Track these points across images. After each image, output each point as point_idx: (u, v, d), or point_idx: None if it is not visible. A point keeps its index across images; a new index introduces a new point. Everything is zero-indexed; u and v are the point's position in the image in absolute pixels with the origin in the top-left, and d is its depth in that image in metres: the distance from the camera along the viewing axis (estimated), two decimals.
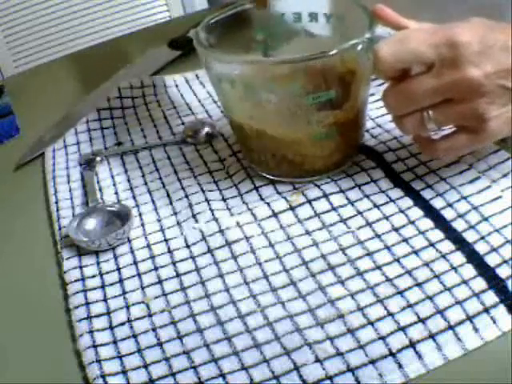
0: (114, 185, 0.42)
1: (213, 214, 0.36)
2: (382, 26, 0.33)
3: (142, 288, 0.32)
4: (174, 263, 0.34)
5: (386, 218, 0.34)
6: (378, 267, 0.31)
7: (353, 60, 0.33)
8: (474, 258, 0.30)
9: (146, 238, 0.36)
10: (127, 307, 0.31)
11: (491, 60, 0.29)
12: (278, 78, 0.33)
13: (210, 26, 0.37)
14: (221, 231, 0.35)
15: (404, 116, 0.32)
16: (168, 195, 0.39)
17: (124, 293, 0.32)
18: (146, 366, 0.28)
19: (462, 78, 0.29)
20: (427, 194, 0.35)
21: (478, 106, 0.30)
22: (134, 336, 0.30)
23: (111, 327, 0.30)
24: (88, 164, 0.44)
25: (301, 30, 0.38)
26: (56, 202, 0.41)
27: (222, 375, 0.27)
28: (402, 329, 0.27)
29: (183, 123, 0.47)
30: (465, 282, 0.29)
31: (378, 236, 0.33)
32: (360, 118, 0.37)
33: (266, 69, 0.33)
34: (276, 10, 0.38)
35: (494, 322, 0.27)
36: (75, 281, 0.33)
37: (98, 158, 0.44)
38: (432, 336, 0.27)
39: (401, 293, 0.29)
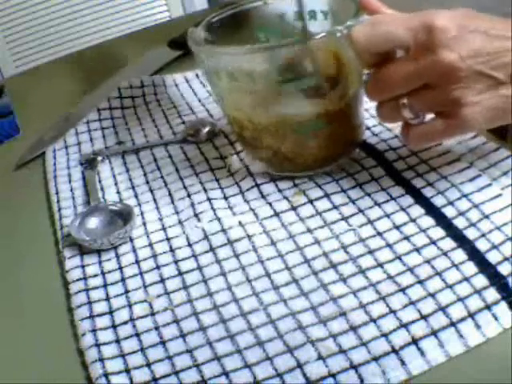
0: (116, 184, 0.42)
1: (215, 214, 0.36)
2: (368, 16, 0.33)
3: (145, 287, 0.32)
4: (176, 262, 0.34)
5: (388, 215, 0.34)
6: (380, 265, 0.31)
7: (337, 48, 0.33)
8: (475, 256, 0.30)
9: (147, 236, 0.36)
10: (130, 306, 0.31)
11: (468, 44, 0.28)
12: (261, 66, 0.33)
13: (211, 25, 0.38)
14: (223, 230, 0.35)
15: (381, 103, 0.32)
16: (170, 194, 0.39)
17: (126, 292, 0.32)
18: (148, 365, 0.28)
19: (436, 62, 0.28)
20: (428, 192, 0.35)
21: (453, 90, 0.29)
22: (137, 335, 0.30)
23: (114, 326, 0.30)
24: (89, 163, 0.44)
25: (301, 28, 0.38)
26: (57, 202, 0.41)
27: (225, 373, 0.27)
28: (405, 326, 0.27)
29: (184, 122, 0.47)
30: (466, 279, 0.29)
31: (380, 234, 0.33)
32: (352, 111, 0.36)
33: (246, 57, 0.33)
34: (276, 10, 0.38)
35: (496, 318, 0.27)
36: (77, 280, 0.33)
37: (99, 158, 0.44)
38: (434, 333, 0.27)
39: (403, 290, 0.29)
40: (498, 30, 0.29)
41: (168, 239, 0.35)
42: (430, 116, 0.32)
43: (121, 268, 0.34)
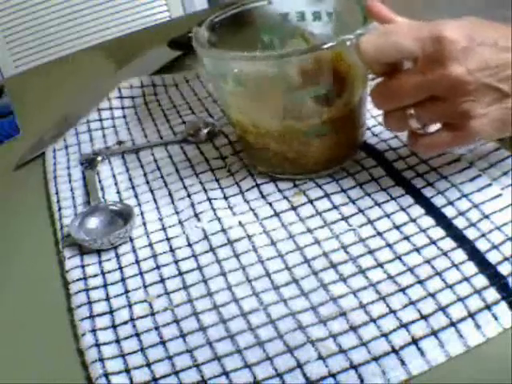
0: (116, 184, 0.42)
1: (215, 214, 0.36)
2: (377, 23, 0.33)
3: (145, 287, 0.32)
4: (176, 262, 0.34)
5: (388, 215, 0.34)
6: (380, 265, 0.31)
7: (345, 56, 0.33)
8: (475, 256, 0.30)
9: (147, 236, 0.36)
10: (130, 306, 0.31)
11: (477, 57, 0.28)
12: (268, 74, 0.33)
13: (214, 24, 0.38)
14: (223, 230, 0.35)
15: (388, 112, 0.32)
16: (170, 194, 0.39)
17: (126, 291, 0.32)
18: (148, 365, 0.28)
19: (444, 75, 0.28)
20: (428, 192, 0.35)
21: (462, 103, 0.29)
22: (137, 335, 0.30)
23: (114, 326, 0.30)
24: (89, 163, 0.44)
25: (304, 29, 0.38)
26: (57, 202, 0.41)
27: (225, 373, 0.27)
28: (405, 326, 0.27)
29: (184, 122, 0.47)
30: (466, 279, 0.29)
31: (380, 234, 0.33)
32: (357, 116, 0.37)
33: (255, 64, 0.33)
34: (279, 9, 0.38)
35: (496, 318, 0.27)
36: (77, 280, 0.33)
37: (99, 158, 0.44)
38: (434, 333, 0.27)
39: (403, 290, 0.29)
40: (505, 40, 0.29)
41: (168, 239, 0.35)
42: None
43: (121, 268, 0.34)
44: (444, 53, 0.28)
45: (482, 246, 0.31)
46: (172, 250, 0.35)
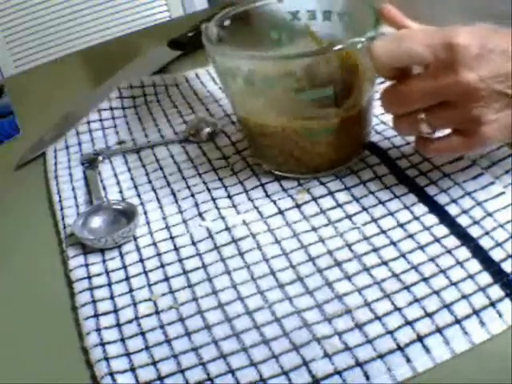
0: (118, 183, 0.42)
1: (219, 213, 0.36)
2: (388, 26, 0.33)
3: (149, 285, 0.32)
4: (180, 260, 0.34)
5: (391, 214, 0.34)
6: (385, 263, 0.31)
7: (354, 58, 0.33)
8: (479, 253, 0.30)
9: (151, 235, 0.36)
10: (134, 304, 0.31)
11: (489, 64, 0.28)
12: (277, 73, 0.33)
13: (223, 21, 0.38)
14: (227, 229, 0.35)
15: (399, 117, 0.32)
16: (173, 193, 0.39)
17: (131, 290, 0.32)
18: (154, 363, 0.28)
19: (456, 82, 0.29)
20: (431, 191, 0.35)
21: (472, 110, 0.29)
22: (142, 333, 0.30)
23: (118, 325, 0.30)
24: (90, 163, 0.44)
25: (313, 28, 0.38)
26: (59, 201, 0.41)
27: (231, 371, 0.27)
28: (410, 323, 0.27)
29: (185, 122, 0.47)
30: (470, 276, 0.29)
31: (384, 232, 0.33)
32: (363, 117, 0.37)
33: (265, 64, 0.34)
34: (289, 7, 0.38)
35: (500, 315, 0.27)
36: (81, 279, 0.33)
37: (100, 158, 0.44)
38: (439, 330, 0.27)
39: (407, 288, 0.29)
40: None
41: (172, 238, 0.35)
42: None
43: (125, 267, 0.34)
44: (456, 59, 0.28)
45: (485, 243, 0.31)
46: (176, 249, 0.35)
